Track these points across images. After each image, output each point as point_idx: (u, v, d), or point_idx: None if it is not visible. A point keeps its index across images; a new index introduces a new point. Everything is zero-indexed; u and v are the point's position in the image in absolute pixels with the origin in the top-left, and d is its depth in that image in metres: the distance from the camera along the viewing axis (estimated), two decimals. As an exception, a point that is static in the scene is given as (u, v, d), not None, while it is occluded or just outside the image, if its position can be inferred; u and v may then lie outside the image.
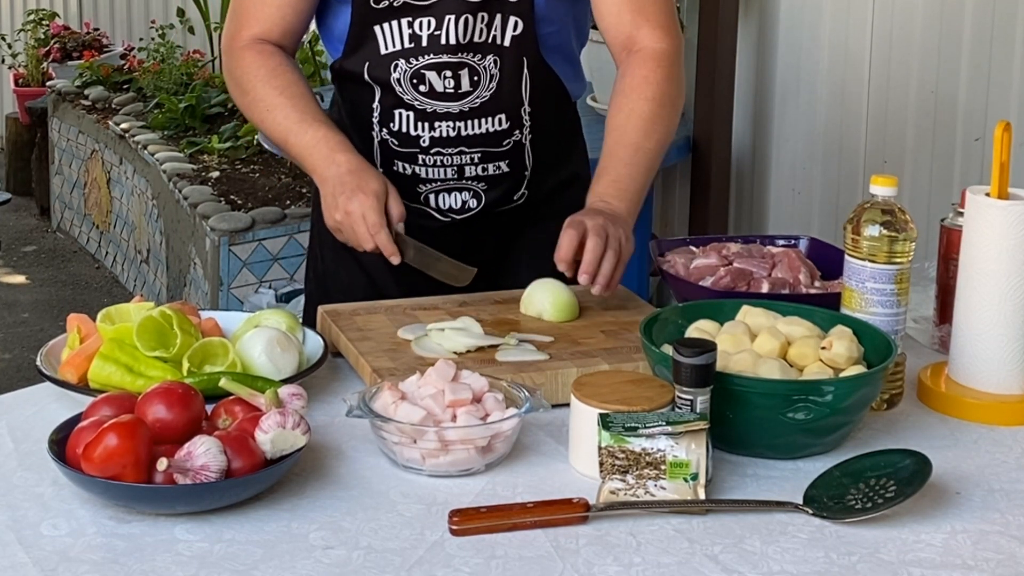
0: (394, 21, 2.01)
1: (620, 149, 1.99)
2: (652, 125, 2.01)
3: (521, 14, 2.02)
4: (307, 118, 2.00)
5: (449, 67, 2.02)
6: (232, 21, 2.10)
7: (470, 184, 2.10)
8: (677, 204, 4.27)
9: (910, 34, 3.48)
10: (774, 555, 1.36)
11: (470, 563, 1.34)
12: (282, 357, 1.70)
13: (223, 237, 4.58)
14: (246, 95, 2.06)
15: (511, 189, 2.13)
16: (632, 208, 1.97)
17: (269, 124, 2.04)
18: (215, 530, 1.39)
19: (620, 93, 2.04)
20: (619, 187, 1.97)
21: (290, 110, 2.01)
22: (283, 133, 2.01)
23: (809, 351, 1.62)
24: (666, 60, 2.04)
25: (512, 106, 2.07)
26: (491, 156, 2.09)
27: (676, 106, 2.06)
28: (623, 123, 2.01)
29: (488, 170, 2.09)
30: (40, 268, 6.27)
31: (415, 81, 2.03)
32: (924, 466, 1.46)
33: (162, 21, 6.97)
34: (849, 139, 3.68)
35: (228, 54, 2.09)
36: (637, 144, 2.00)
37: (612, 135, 2.02)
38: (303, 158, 2.00)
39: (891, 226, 1.67)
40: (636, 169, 1.99)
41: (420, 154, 2.07)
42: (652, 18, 2.04)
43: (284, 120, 2.01)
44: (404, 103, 2.05)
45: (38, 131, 7.06)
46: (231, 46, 2.08)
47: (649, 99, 2.01)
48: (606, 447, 1.44)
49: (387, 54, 2.03)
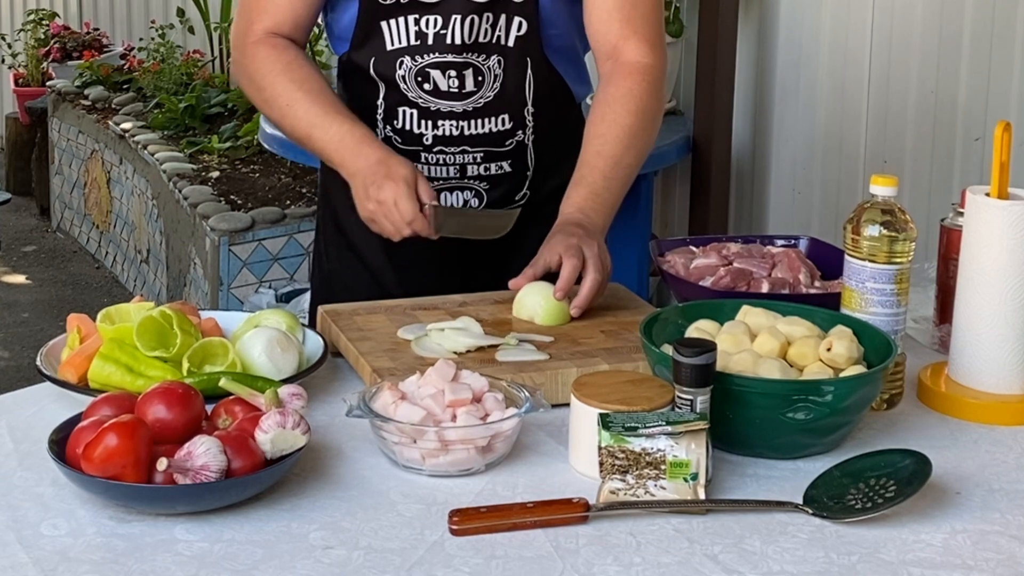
0: (401, 17, 2.01)
1: (600, 160, 2.01)
2: (633, 139, 2.02)
3: (526, 15, 2.02)
4: (330, 112, 2.00)
5: (454, 67, 2.03)
6: (242, 17, 2.09)
7: (472, 183, 2.10)
8: (677, 204, 4.27)
9: (910, 34, 3.48)
10: (774, 555, 1.36)
11: (470, 563, 1.34)
12: (282, 357, 1.70)
13: (223, 237, 4.58)
14: (263, 91, 2.05)
15: (513, 189, 2.13)
16: (606, 222, 2.00)
17: (290, 119, 2.03)
18: (215, 530, 1.39)
19: (603, 103, 2.05)
20: (598, 200, 1.98)
21: (311, 104, 2.00)
22: (306, 128, 2.01)
23: (809, 351, 1.62)
24: (651, 74, 2.05)
25: (515, 106, 2.07)
26: (494, 156, 2.09)
27: (657, 121, 2.08)
28: (604, 133, 2.02)
29: (490, 170, 2.10)
30: (40, 268, 6.27)
31: (420, 79, 2.04)
32: (924, 466, 1.46)
33: (162, 21, 6.97)
34: (849, 139, 3.68)
35: (240, 51, 2.08)
36: (617, 157, 2.01)
37: (592, 144, 2.03)
38: (329, 152, 2.00)
39: (891, 226, 1.67)
40: (614, 183, 2.01)
41: (423, 152, 2.08)
42: (640, 31, 2.05)
43: (306, 115, 2.00)
44: (408, 100, 2.06)
45: (38, 131, 7.06)
46: (243, 43, 2.07)
47: (632, 112, 2.03)
48: (606, 447, 1.44)
49: (393, 50, 2.03)
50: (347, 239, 2.20)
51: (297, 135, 2.03)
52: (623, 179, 2.02)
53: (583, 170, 2.01)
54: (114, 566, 1.32)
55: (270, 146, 4.08)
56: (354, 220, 2.16)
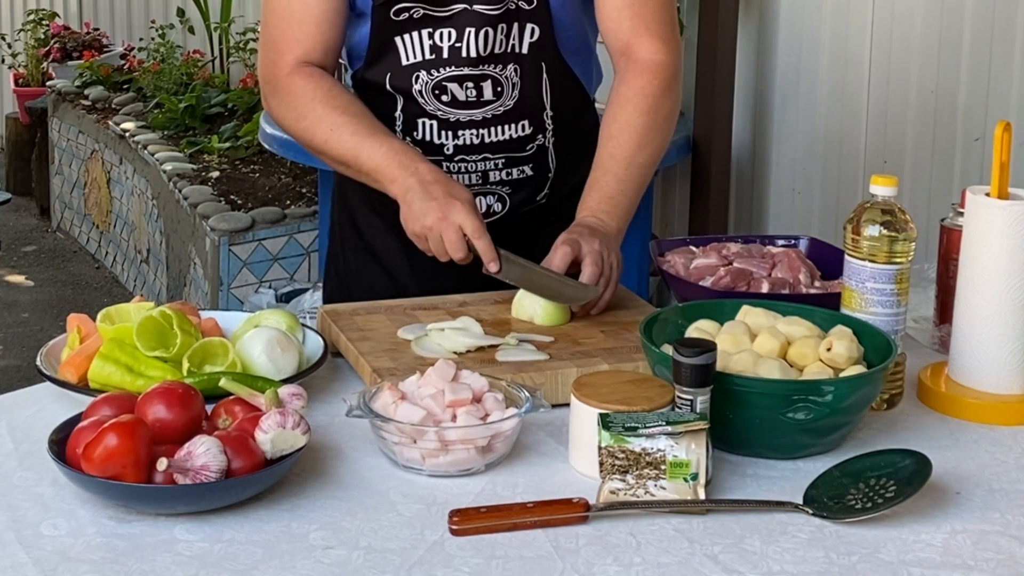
0: (415, 32, 2.01)
1: (613, 163, 2.00)
2: (646, 139, 2.02)
3: (538, 21, 2.02)
4: (377, 132, 1.97)
5: (471, 79, 2.02)
6: (270, 50, 2.05)
7: (495, 188, 2.10)
8: (677, 204, 4.27)
9: (910, 34, 3.48)
10: (774, 555, 1.36)
11: (470, 563, 1.34)
12: (282, 357, 1.70)
13: (223, 237, 4.58)
14: (304, 119, 2.01)
15: (535, 191, 2.13)
16: (622, 225, 1.99)
17: (334, 143, 1.98)
18: (215, 530, 1.39)
19: (616, 103, 2.04)
20: (612, 203, 1.98)
21: (357, 126, 1.97)
22: (352, 150, 1.96)
23: (809, 351, 1.62)
24: (663, 72, 2.04)
25: (534, 111, 2.07)
26: (515, 161, 2.09)
27: (671, 119, 2.07)
28: (617, 135, 2.02)
29: (512, 174, 2.10)
30: (40, 268, 6.27)
31: (437, 92, 2.03)
32: (924, 466, 1.46)
33: (162, 21, 6.98)
34: (849, 139, 3.68)
35: (273, 84, 2.04)
36: (630, 159, 2.01)
37: (606, 146, 2.02)
38: (379, 171, 1.95)
39: (891, 226, 1.67)
40: (628, 185, 2.00)
41: (444, 161, 2.07)
42: (652, 27, 2.04)
43: (352, 137, 1.97)
44: (427, 113, 2.05)
45: (38, 131, 7.06)
46: (275, 75, 2.03)
47: (644, 112, 2.02)
48: (606, 447, 1.44)
49: (408, 65, 2.03)
50: (365, 241, 2.20)
51: (343, 158, 1.99)
52: (637, 180, 2.02)
53: (596, 173, 2.01)
54: (114, 566, 1.32)
55: (270, 146, 4.08)
56: (374, 222, 2.17)
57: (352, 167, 1.99)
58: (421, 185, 1.91)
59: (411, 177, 1.92)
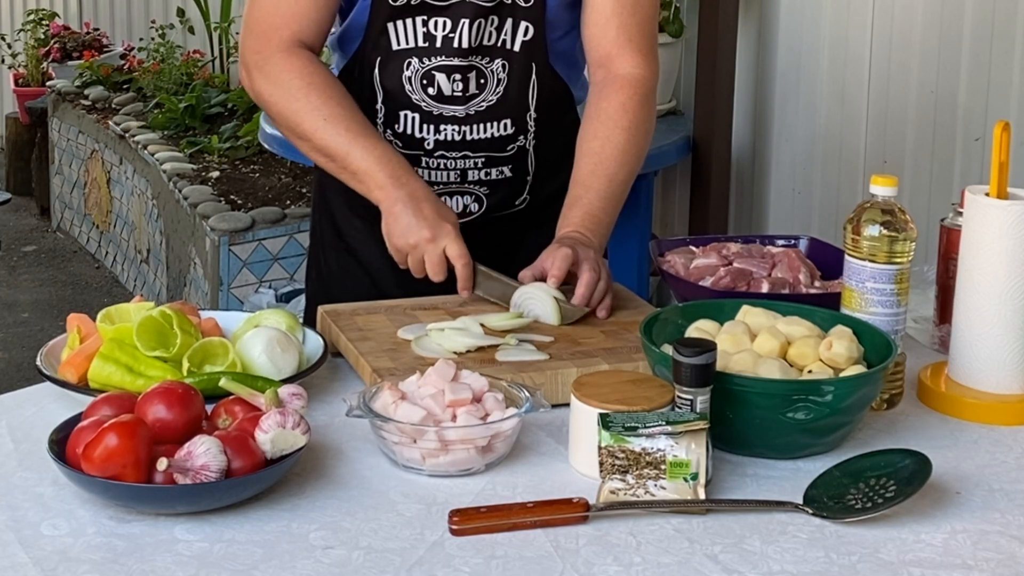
0: (409, 19, 2.00)
1: (595, 180, 2.01)
2: (626, 156, 2.03)
3: (533, 20, 2.02)
4: (370, 134, 1.96)
5: (459, 70, 2.02)
6: (260, 25, 2.00)
7: (472, 188, 2.10)
8: (677, 204, 4.28)
9: (910, 34, 3.48)
10: (774, 555, 1.36)
11: (470, 563, 1.34)
12: (282, 357, 1.70)
13: (223, 237, 4.58)
14: (296, 101, 1.96)
15: (513, 194, 2.13)
16: (603, 241, 2.01)
17: (326, 135, 1.95)
18: (215, 530, 1.39)
19: (596, 118, 2.05)
20: (594, 221, 1.99)
21: (351, 123, 1.95)
22: (344, 146, 1.94)
23: (809, 351, 1.62)
24: (643, 87, 2.05)
25: (518, 111, 2.07)
26: (495, 161, 2.09)
27: (648, 136, 2.08)
28: (599, 151, 2.02)
29: (491, 175, 2.10)
30: (40, 268, 6.27)
31: (425, 82, 2.03)
32: (924, 466, 1.46)
33: (162, 21, 6.97)
34: (849, 139, 3.68)
35: (263, 59, 1.99)
36: (612, 175, 2.01)
37: (587, 161, 2.02)
38: (368, 174, 1.93)
39: (891, 226, 1.67)
40: (609, 203, 2.01)
41: (424, 157, 2.07)
42: (636, 40, 2.05)
43: (346, 132, 1.94)
44: (411, 104, 2.05)
45: (38, 131, 7.06)
46: (266, 49, 1.98)
47: (625, 128, 2.03)
48: (606, 447, 1.44)
49: (399, 50, 2.02)
50: (346, 243, 2.19)
51: (330, 152, 1.95)
52: (618, 197, 2.03)
53: (578, 190, 2.01)
54: (114, 566, 1.32)
55: (270, 146, 4.08)
56: (355, 224, 2.16)
57: (337, 162, 1.96)
58: (412, 200, 1.91)
59: (400, 189, 1.92)
